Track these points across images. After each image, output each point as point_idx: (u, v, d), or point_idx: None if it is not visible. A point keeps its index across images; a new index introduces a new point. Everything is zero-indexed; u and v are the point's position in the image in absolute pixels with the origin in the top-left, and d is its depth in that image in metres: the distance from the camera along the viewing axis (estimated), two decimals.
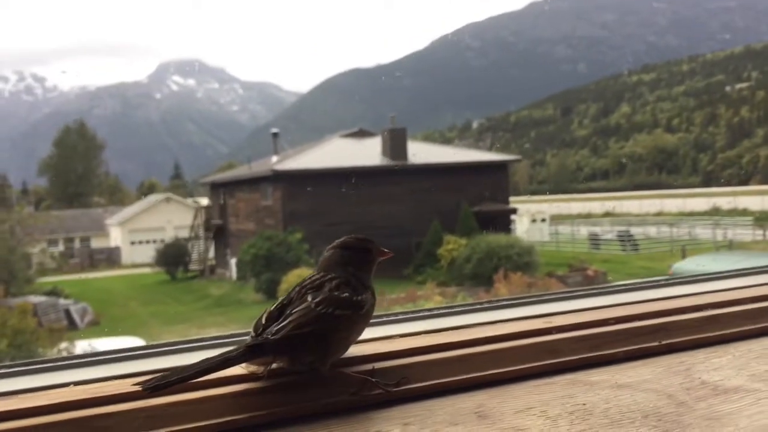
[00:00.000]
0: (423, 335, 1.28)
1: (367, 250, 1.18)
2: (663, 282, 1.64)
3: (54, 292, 18.78)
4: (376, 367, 1.14)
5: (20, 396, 1.05)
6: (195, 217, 27.23)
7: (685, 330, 1.32)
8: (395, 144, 23.26)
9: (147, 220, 31.73)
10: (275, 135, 27.12)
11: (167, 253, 25.30)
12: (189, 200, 33.93)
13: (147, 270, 26.04)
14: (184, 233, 26.82)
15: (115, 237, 32.60)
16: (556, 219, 30.37)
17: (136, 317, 17.72)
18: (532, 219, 27.96)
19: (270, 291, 18.16)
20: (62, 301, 17.72)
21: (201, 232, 26.39)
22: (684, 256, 20.23)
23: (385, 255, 1.19)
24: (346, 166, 22.42)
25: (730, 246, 23.07)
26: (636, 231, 27.53)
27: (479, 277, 17.83)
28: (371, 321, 1.21)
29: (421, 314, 1.40)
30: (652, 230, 28.57)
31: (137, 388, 1.01)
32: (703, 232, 26.33)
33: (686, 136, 57.15)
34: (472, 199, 22.21)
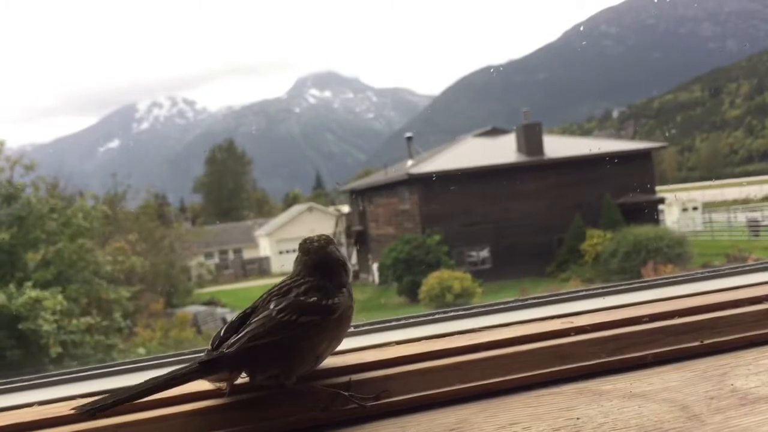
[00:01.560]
0: (419, 342, 1.17)
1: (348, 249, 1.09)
2: (711, 273, 1.43)
3: (211, 301, 19.96)
4: (353, 380, 1.03)
5: None
6: (336, 224, 28.00)
7: (735, 327, 1.15)
8: (530, 139, 22.82)
9: (292, 230, 33.02)
10: (409, 139, 27.40)
11: None
12: (330, 208, 34.97)
13: None
14: None
15: (264, 247, 34.20)
16: (710, 206, 28.54)
17: None
18: (682, 208, 26.46)
19: (412, 293, 18.35)
20: (219, 310, 18.78)
21: (343, 239, 27.09)
22: None
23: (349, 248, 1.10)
24: (481, 166, 22.27)
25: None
26: None
27: (627, 271, 17.09)
28: (366, 328, 1.13)
29: (420, 319, 1.29)
30: None
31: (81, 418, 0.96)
32: None
33: None
34: (615, 191, 21.35)
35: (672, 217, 24.66)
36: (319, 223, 31.73)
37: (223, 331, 1.03)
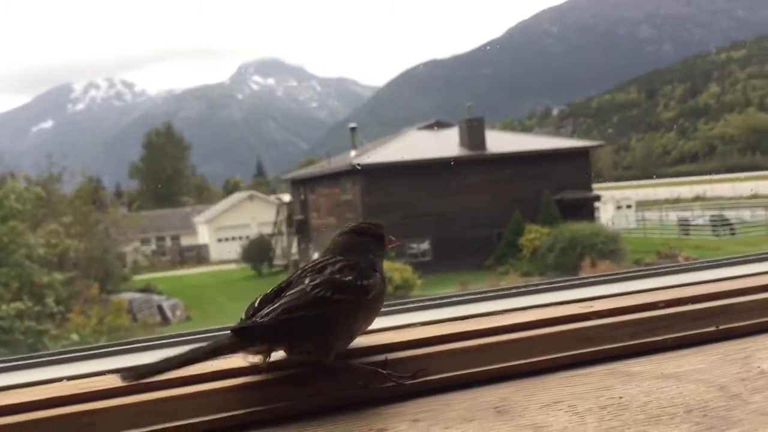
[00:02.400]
0: (445, 323, 1.19)
1: (380, 237, 1.11)
2: (722, 262, 1.51)
3: (147, 288, 19.54)
4: (389, 358, 1.05)
5: (12, 391, 1.02)
6: (278, 213, 27.78)
7: (748, 313, 1.19)
8: (473, 134, 23.07)
9: (232, 218, 32.61)
10: (353, 130, 27.37)
11: (252, 249, 25.93)
12: (272, 197, 34.65)
13: (233, 266, 26.75)
14: (268, 229, 27.42)
15: (203, 234, 33.68)
16: (643, 205, 29.40)
17: (225, 312, 18.23)
18: (617, 206, 27.19)
19: None
20: (155, 297, 18.42)
21: (284, 228, 26.89)
22: None
23: (394, 244, 1.12)
24: (424, 158, 22.40)
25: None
26: (729, 215, 26.36)
27: (563, 266, 17.49)
28: (386, 309, 1.14)
29: (442, 301, 1.31)
30: (746, 214, 27.28)
31: (125, 383, 0.96)
32: None
33: None
34: (553, 187, 21.80)
35: (607, 214, 25.31)
36: (260, 211, 31.41)
37: (257, 302, 1.04)
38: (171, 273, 27.73)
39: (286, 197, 29.59)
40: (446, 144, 23.58)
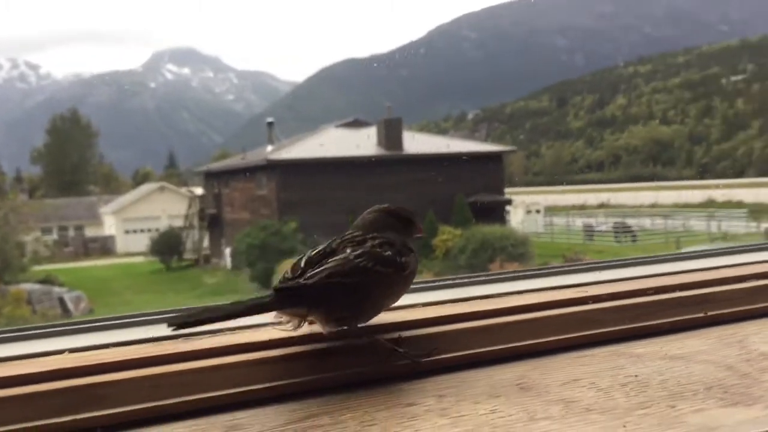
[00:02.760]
0: (450, 303, 1.20)
1: (412, 223, 1.14)
2: (704, 253, 1.60)
3: (48, 280, 18.73)
4: (402, 336, 1.07)
5: (14, 362, 0.99)
6: (189, 206, 27.17)
7: (730, 302, 1.26)
8: (391, 134, 23.23)
9: (141, 209, 31.63)
10: (270, 124, 27.04)
11: (161, 242, 25.26)
12: (183, 189, 33.83)
13: (141, 259, 25.98)
14: (179, 222, 26.78)
15: (110, 226, 32.52)
16: (551, 210, 30.37)
17: (131, 305, 17.70)
18: (527, 210, 27.98)
19: (264, 280, 18.15)
20: (56, 289, 17.67)
21: (195, 222, 26.33)
22: (678, 247, 20.28)
23: (421, 233, 1.16)
24: (341, 156, 22.38)
25: (725, 238, 23.11)
26: (631, 222, 27.58)
27: (474, 267, 17.83)
28: None
29: (442, 283, 1.33)
30: (646, 222, 28.60)
31: (140, 355, 0.97)
32: (698, 224, 26.38)
33: (681, 128, 57.14)
34: (467, 190, 22.21)
35: (517, 218, 26.01)
36: (171, 203, 30.60)
37: (303, 263, 1.04)
38: (74, 264, 26.66)
39: (199, 190, 28.96)
40: (364, 143, 23.65)
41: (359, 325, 1.04)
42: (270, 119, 28.03)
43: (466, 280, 1.35)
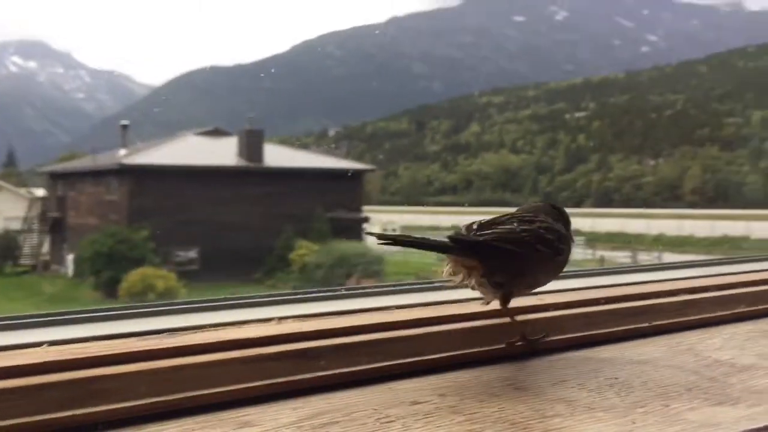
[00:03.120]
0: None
1: (568, 222, 1.21)
2: (646, 267, 1.72)
3: None
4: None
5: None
6: (29, 208, 25.41)
7: (669, 313, 1.35)
8: (252, 145, 22.94)
9: None
10: (125, 127, 25.85)
11: None
12: (23, 190, 31.53)
13: None
14: (17, 225, 24.93)
15: None
16: (407, 230, 31.07)
17: None
18: (383, 229, 28.44)
19: (110, 290, 17.27)
20: None
21: (35, 225, 24.66)
22: None
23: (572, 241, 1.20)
24: (199, 165, 21.80)
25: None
26: None
27: (330, 283, 17.89)
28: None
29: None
30: None
31: (139, 347, 0.95)
32: None
33: (529, 158, 60.34)
34: (326, 206, 22.31)
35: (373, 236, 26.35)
36: (8, 204, 28.36)
37: (476, 225, 1.12)
38: None
39: (41, 192, 27.14)
40: (224, 152, 23.17)
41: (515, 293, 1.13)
42: (125, 122, 26.79)
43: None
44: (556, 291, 1.35)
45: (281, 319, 1.13)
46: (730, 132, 49.17)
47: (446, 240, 1.07)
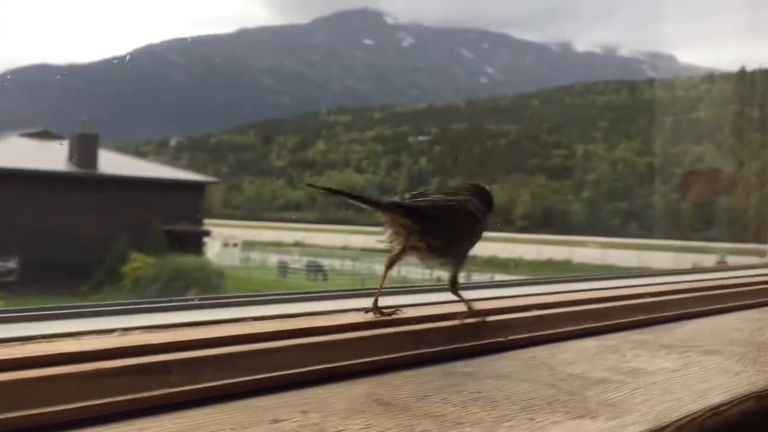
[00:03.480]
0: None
1: (492, 201, 1.38)
2: (501, 283, 1.74)
3: None
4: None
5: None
6: None
7: (524, 327, 1.37)
8: (85, 151, 21.67)
9: None
10: None
11: None
12: None
13: None
14: None
15: None
16: (249, 245, 30.63)
17: None
18: (224, 243, 27.85)
19: None
20: None
21: None
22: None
23: (497, 218, 1.39)
24: (22, 168, 20.25)
25: (403, 282, 25.27)
26: (323, 262, 28.88)
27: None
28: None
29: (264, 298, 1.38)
30: (336, 263, 30.17)
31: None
32: (381, 268, 28.45)
33: (373, 178, 61.61)
34: (165, 218, 21.45)
35: (214, 250, 25.73)
36: None
37: (408, 196, 1.29)
38: None
39: None
40: (52, 156, 21.68)
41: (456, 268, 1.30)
42: None
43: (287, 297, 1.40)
44: (419, 304, 1.36)
45: (125, 330, 1.02)
46: (557, 163, 53.00)
47: (386, 204, 1.24)
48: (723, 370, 1.22)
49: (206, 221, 25.35)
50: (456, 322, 1.30)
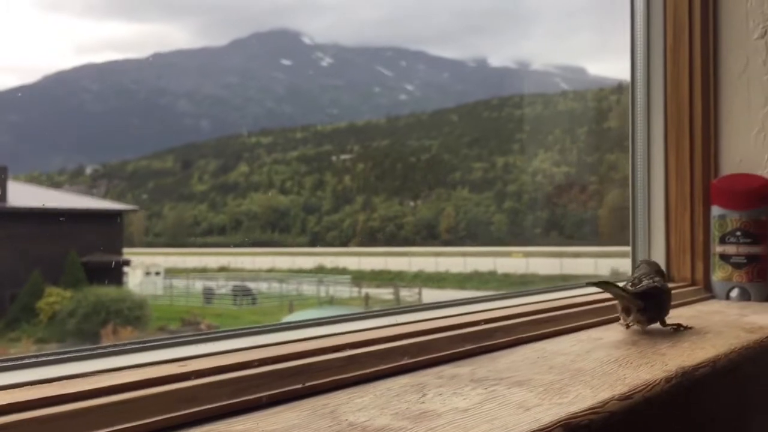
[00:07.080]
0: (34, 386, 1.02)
1: (662, 272, 1.75)
2: (303, 324, 1.61)
3: None
4: None
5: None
6: None
7: (327, 371, 1.28)
8: None
9: None
10: None
11: None
12: None
13: None
14: None
15: None
16: (172, 272, 29.79)
17: None
18: (146, 272, 27.06)
19: None
20: None
21: None
22: (291, 310, 21.43)
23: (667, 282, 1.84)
24: None
25: (331, 302, 25.11)
26: (250, 286, 28.44)
27: (85, 332, 16.58)
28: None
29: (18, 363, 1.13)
30: (263, 285, 29.73)
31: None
32: (309, 288, 28.19)
33: (297, 198, 61.00)
34: (81, 249, 20.69)
35: (135, 279, 24.96)
36: None
37: (630, 284, 1.62)
38: None
39: None
40: None
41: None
42: None
43: (51, 358, 1.16)
44: (198, 356, 1.24)
45: None
46: (478, 176, 53.99)
47: (631, 290, 1.55)
48: (517, 406, 1.12)
49: (127, 250, 24.55)
50: (249, 371, 1.22)
